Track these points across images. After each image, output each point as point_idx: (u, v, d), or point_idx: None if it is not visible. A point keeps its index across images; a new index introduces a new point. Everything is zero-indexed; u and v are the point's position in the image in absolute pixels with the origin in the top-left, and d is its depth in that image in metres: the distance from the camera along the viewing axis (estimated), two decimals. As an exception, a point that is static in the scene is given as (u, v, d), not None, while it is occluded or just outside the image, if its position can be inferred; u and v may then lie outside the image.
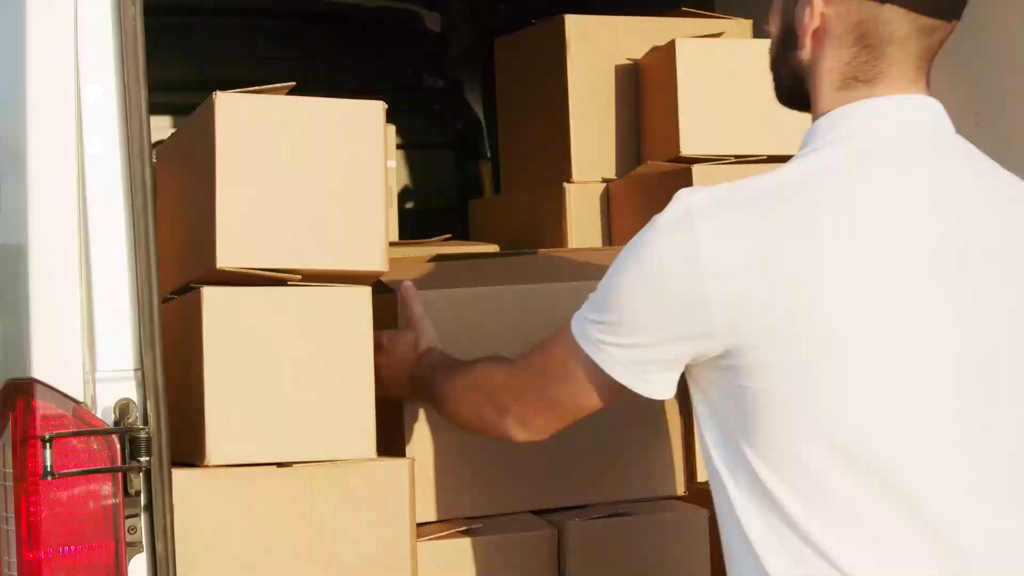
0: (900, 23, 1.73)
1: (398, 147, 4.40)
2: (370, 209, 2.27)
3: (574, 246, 3.06)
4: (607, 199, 3.09)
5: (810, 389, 1.63)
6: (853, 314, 1.63)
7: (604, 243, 3.09)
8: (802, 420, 1.63)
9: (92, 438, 1.97)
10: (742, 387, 1.66)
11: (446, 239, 3.20)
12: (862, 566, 1.63)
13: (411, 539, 2.26)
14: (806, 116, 2.92)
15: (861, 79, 1.75)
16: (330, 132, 2.25)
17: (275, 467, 2.20)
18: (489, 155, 4.61)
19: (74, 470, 1.94)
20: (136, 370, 2.03)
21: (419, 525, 2.33)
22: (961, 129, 3.01)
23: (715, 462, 1.72)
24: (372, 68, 4.57)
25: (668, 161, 2.93)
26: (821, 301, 1.62)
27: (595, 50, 3.09)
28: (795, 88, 1.83)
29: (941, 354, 1.67)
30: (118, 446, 1.99)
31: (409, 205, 4.54)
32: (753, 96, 2.92)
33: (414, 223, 4.14)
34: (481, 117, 4.67)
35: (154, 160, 2.18)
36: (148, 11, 2.07)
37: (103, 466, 1.97)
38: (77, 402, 1.98)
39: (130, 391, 2.02)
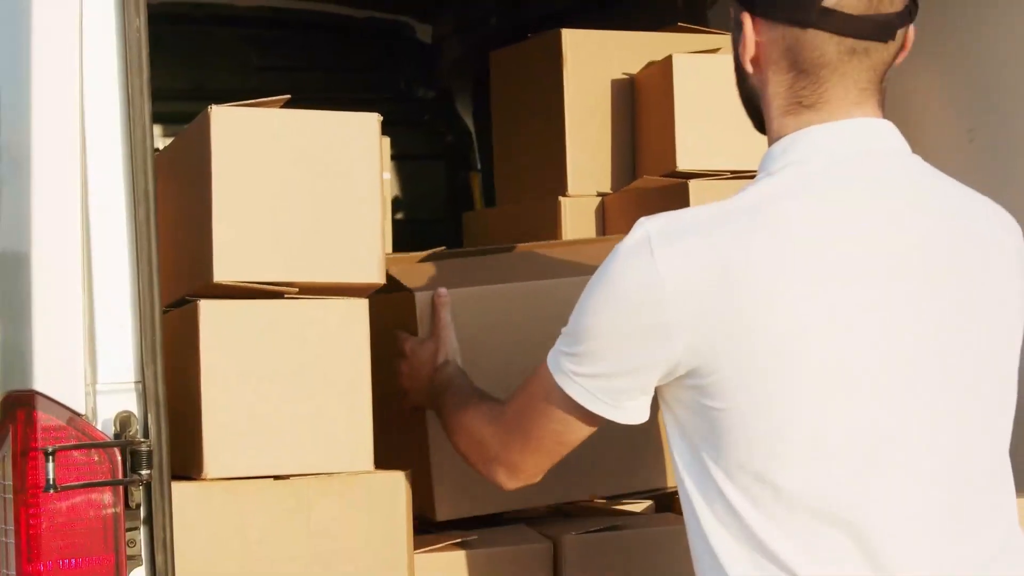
0: (826, 46, 1.76)
1: (390, 158, 4.40)
2: (366, 221, 2.27)
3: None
4: (602, 213, 3.10)
5: (768, 409, 1.68)
6: (808, 333, 1.67)
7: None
8: (763, 439, 1.68)
9: (93, 450, 1.97)
10: (706, 407, 1.71)
11: (439, 252, 3.20)
12: None
13: (408, 551, 2.26)
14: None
15: (805, 104, 1.78)
16: (326, 145, 2.25)
17: (272, 479, 2.20)
18: (480, 166, 4.62)
19: (76, 483, 1.93)
20: (137, 383, 2.03)
21: (419, 535, 2.34)
22: (955, 146, 3.04)
23: (682, 475, 1.77)
24: (363, 78, 4.58)
25: (664, 176, 2.94)
26: (776, 322, 1.67)
27: (591, 64, 3.10)
28: (755, 112, 1.88)
29: (894, 369, 1.71)
30: (119, 459, 1.99)
31: (400, 216, 4.55)
32: (748, 112, 2.95)
33: (405, 233, 4.14)
34: (472, 128, 4.68)
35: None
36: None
37: (104, 478, 1.97)
38: (78, 414, 1.98)
39: (130, 403, 2.02)
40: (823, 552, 1.68)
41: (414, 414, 2.42)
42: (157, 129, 4.11)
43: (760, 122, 1.88)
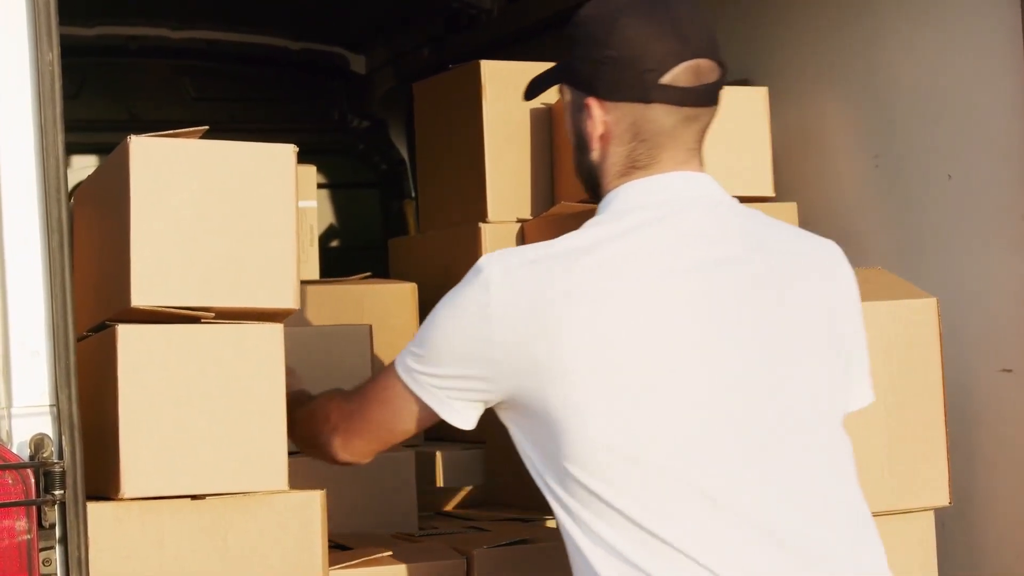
0: (666, 117, 2.02)
1: (324, 186, 4.48)
2: (282, 249, 2.33)
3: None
4: (522, 238, 3.18)
5: (581, 422, 1.91)
6: (617, 356, 1.90)
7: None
8: (578, 450, 1.92)
9: (7, 472, 2.02)
10: (531, 422, 1.97)
11: (365, 277, 3.27)
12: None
13: (324, 568, 2.32)
14: (716, 160, 3.04)
15: (638, 166, 2.04)
16: (242, 174, 2.31)
17: (189, 499, 2.26)
18: (413, 195, 4.69)
19: (-11, 503, 1.98)
20: (52, 406, 2.08)
21: (334, 551, 2.39)
22: (861, 171, 3.14)
23: (539, 481, 2.01)
24: (298, 109, 4.65)
25: (580, 202, 3.02)
26: (590, 344, 1.90)
27: (510, 94, 3.17)
28: (594, 183, 2.11)
29: (705, 375, 1.93)
30: (33, 480, 2.03)
31: (334, 244, 4.61)
32: (662, 139, 3.04)
33: (339, 261, 4.21)
34: (405, 157, 4.75)
35: (71, 201, 2.24)
36: (76, 51, 2.14)
37: (18, 499, 2.02)
38: (-8, 437, 2.04)
39: (45, 426, 2.07)
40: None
41: None
42: (93, 160, 4.17)
43: (594, 190, 2.11)
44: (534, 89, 2.23)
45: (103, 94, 4.21)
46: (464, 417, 2.05)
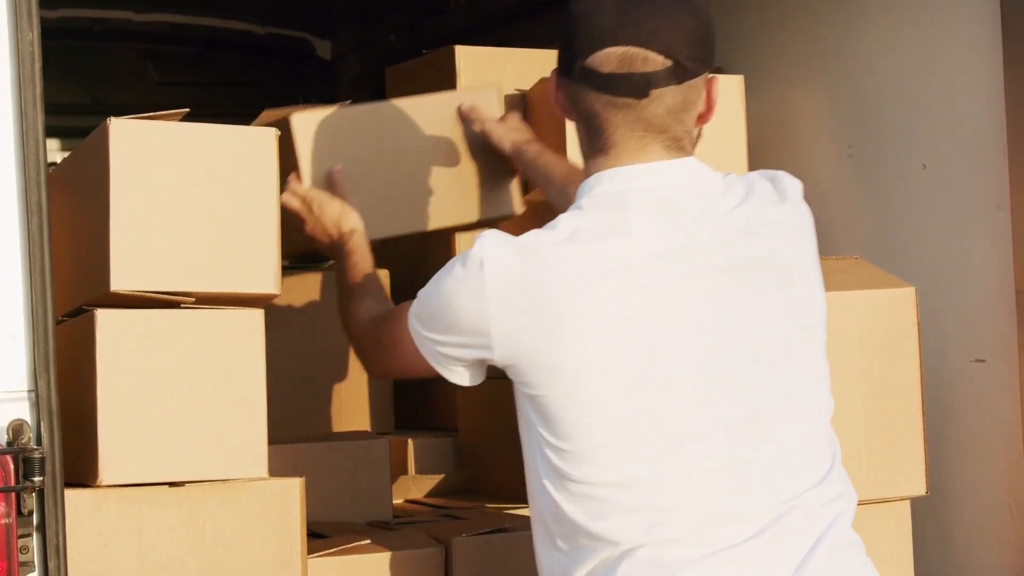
0: (592, 101, 2.00)
1: (289, 172, 4.42)
2: (263, 234, 2.31)
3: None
4: (497, 226, 3.16)
5: (573, 406, 1.96)
6: (602, 339, 1.94)
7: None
8: (561, 423, 1.96)
9: (-15, 458, 1.99)
10: (524, 393, 2.01)
11: (337, 263, 3.24)
12: None
13: (302, 556, 2.30)
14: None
15: (596, 147, 2.04)
16: (223, 158, 2.29)
17: (167, 486, 2.23)
18: (380, 180, 4.67)
19: (-33, 490, 1.95)
20: (30, 391, 2.05)
21: (312, 539, 2.38)
22: (835, 161, 3.15)
23: (523, 448, 2.05)
24: (263, 94, 4.61)
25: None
26: (573, 335, 1.94)
27: (484, 80, 3.16)
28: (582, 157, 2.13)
29: (689, 357, 1.95)
30: (11, 466, 2.00)
31: (300, 229, 4.57)
32: (637, 126, 3.03)
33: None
34: (372, 144, 4.71)
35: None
36: (37, 34, 2.10)
37: (-3, 486, 1.99)
38: (-31, 423, 2.00)
39: (24, 412, 2.04)
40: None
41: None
42: (55, 143, 4.13)
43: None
44: None
45: (65, 77, 4.15)
46: (463, 377, 2.12)
